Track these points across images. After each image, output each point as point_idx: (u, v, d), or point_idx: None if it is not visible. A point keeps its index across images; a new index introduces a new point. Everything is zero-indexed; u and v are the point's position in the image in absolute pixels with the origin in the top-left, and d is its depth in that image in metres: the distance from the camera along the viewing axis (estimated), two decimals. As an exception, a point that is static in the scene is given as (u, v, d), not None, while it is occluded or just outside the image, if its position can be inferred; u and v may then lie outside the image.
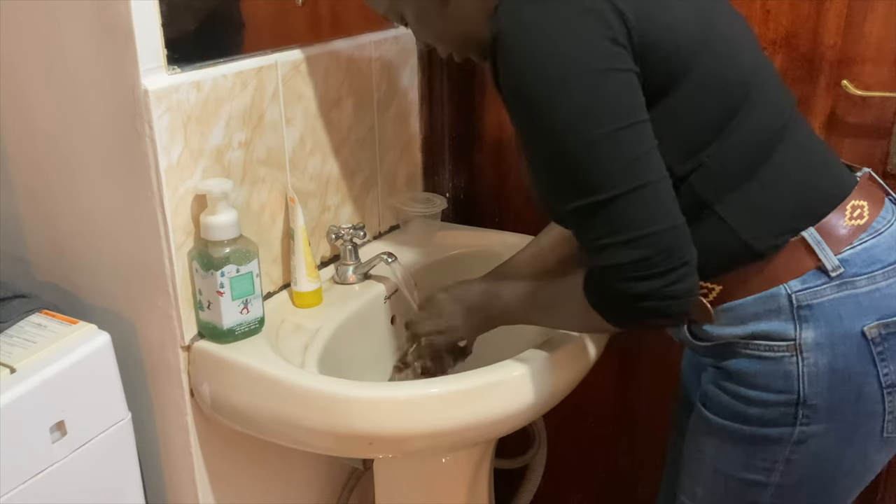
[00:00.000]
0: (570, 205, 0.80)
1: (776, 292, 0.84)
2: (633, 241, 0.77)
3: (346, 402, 0.93)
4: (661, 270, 0.77)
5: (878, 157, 1.20)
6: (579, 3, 0.77)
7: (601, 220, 0.78)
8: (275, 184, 1.11)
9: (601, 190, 0.77)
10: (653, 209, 0.78)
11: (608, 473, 1.64)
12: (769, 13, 1.21)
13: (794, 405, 0.85)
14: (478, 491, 1.22)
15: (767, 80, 0.89)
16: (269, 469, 1.23)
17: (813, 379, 0.84)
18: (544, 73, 0.77)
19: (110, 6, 0.88)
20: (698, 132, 0.83)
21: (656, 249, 0.77)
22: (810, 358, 0.84)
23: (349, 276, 1.20)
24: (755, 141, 0.85)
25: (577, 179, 0.79)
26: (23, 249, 1.12)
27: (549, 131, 0.79)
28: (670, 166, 0.80)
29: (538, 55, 0.78)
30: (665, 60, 0.80)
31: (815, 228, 0.84)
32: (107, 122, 0.95)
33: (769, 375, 0.85)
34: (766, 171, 0.85)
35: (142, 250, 0.99)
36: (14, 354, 0.91)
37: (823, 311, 0.84)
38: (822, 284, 0.84)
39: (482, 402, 0.94)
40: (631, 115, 0.78)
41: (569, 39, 0.77)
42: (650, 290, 0.78)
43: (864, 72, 1.17)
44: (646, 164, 0.78)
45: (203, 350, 1.02)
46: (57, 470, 0.91)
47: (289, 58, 1.09)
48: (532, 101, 0.79)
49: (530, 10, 0.79)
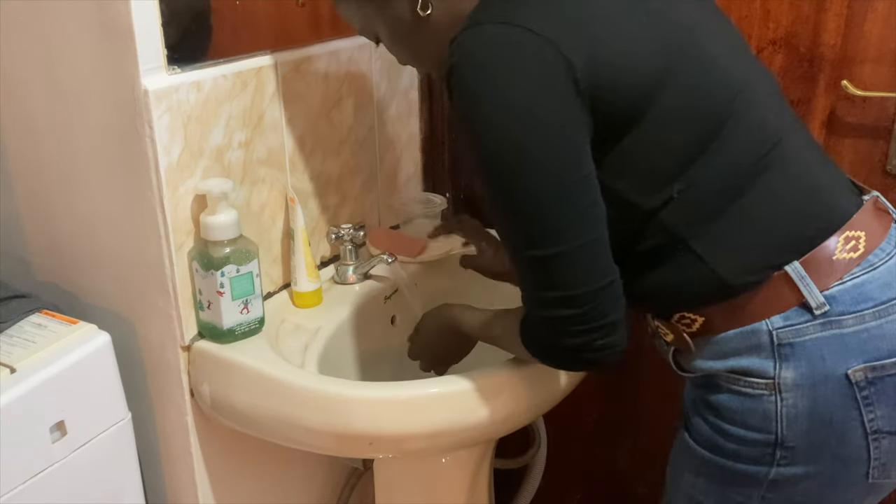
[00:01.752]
0: (510, 251, 0.82)
1: (757, 328, 0.81)
2: (566, 298, 0.79)
3: (346, 402, 0.93)
4: (591, 327, 0.79)
5: (878, 157, 1.20)
6: (529, 49, 0.75)
7: (538, 273, 0.80)
8: (275, 184, 1.11)
9: (539, 245, 0.78)
10: (587, 268, 0.79)
11: (608, 473, 1.64)
12: (769, 13, 1.21)
13: (771, 445, 0.81)
14: (478, 491, 1.22)
15: (752, 102, 0.83)
16: (270, 469, 1.24)
17: (791, 421, 0.80)
18: (490, 119, 0.77)
19: (110, 6, 0.88)
20: (666, 167, 0.80)
21: (587, 307, 0.79)
22: (789, 399, 0.80)
23: (349, 276, 1.20)
24: (732, 173, 0.81)
25: (517, 230, 0.80)
26: (23, 249, 1.12)
27: (494, 175, 0.79)
28: (638, 202, 0.81)
29: (486, 99, 0.77)
30: (620, 100, 0.77)
31: (799, 262, 0.80)
32: (107, 122, 0.95)
33: (747, 412, 0.82)
34: (745, 205, 0.81)
35: (142, 250, 0.99)
36: (14, 354, 0.91)
37: (805, 351, 0.80)
38: (805, 322, 0.79)
39: (482, 403, 0.94)
40: (573, 169, 0.77)
41: (517, 86, 0.76)
42: (579, 344, 0.80)
43: (864, 72, 1.17)
44: (585, 221, 0.78)
45: (203, 350, 1.02)
46: (57, 470, 0.91)
47: (289, 58, 1.09)
48: (479, 142, 0.78)
49: (483, 48, 0.77)
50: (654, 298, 0.88)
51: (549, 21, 0.76)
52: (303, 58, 1.11)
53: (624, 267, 0.82)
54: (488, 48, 0.77)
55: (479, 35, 0.77)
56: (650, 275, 0.85)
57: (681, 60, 0.80)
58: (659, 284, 0.85)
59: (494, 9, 0.79)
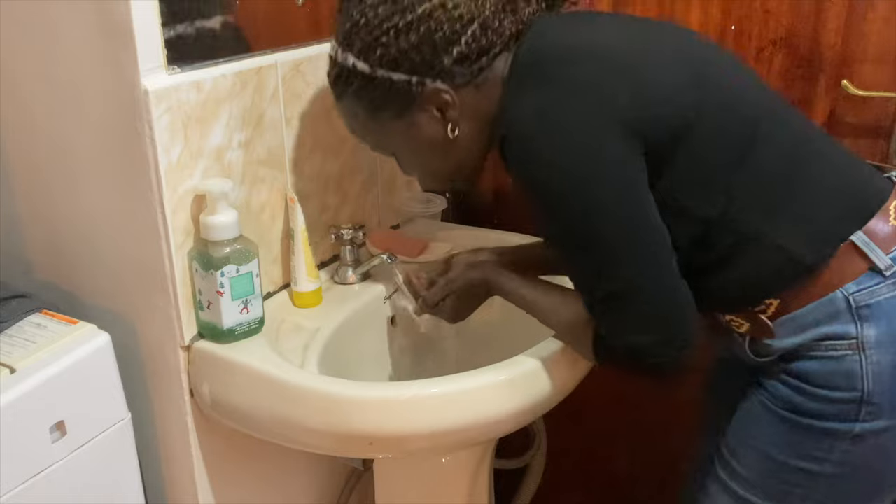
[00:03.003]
0: (587, 292, 0.88)
1: (833, 297, 0.86)
2: (644, 328, 0.85)
3: (346, 402, 0.93)
4: (670, 349, 0.85)
5: (878, 158, 1.20)
6: (580, 106, 0.82)
7: (616, 309, 0.86)
8: (275, 184, 1.10)
9: (616, 284, 0.84)
10: (662, 299, 0.85)
11: (608, 473, 1.64)
12: (769, 13, 1.21)
13: (857, 402, 0.85)
14: (478, 491, 1.22)
15: (775, 108, 0.91)
16: (269, 469, 1.24)
17: (877, 377, 0.85)
18: (562, 178, 0.82)
19: (110, 6, 0.88)
20: (718, 175, 0.86)
21: (666, 334, 0.85)
22: (873, 356, 0.85)
23: (349, 276, 1.20)
24: (780, 166, 0.87)
25: (593, 273, 0.86)
26: (23, 249, 1.12)
27: (570, 225, 0.85)
28: (703, 212, 0.86)
29: (550, 147, 0.82)
30: (667, 131, 0.84)
31: (861, 231, 0.86)
32: (107, 122, 0.95)
33: (831, 374, 0.86)
34: (802, 187, 0.87)
35: (142, 250, 0.99)
36: (14, 354, 0.91)
37: (883, 310, 0.85)
38: (878, 284, 0.85)
39: (482, 402, 0.94)
40: (639, 206, 0.83)
41: (578, 132, 0.81)
42: (657, 363, 0.86)
43: (864, 72, 1.17)
44: (655, 251, 0.84)
45: (203, 350, 1.02)
46: (57, 470, 0.91)
47: (289, 58, 1.09)
48: (555, 203, 0.84)
49: (538, 116, 0.82)
50: (733, 296, 0.92)
51: (590, 77, 0.83)
52: (303, 58, 1.10)
53: (700, 274, 0.89)
54: (541, 114, 0.82)
55: (529, 104, 0.84)
56: (727, 275, 0.90)
57: (708, 85, 0.87)
58: (738, 282, 0.90)
59: (536, 74, 0.86)
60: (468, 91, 0.90)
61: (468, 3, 0.87)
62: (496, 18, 0.88)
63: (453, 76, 0.89)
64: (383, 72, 0.88)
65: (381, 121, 0.93)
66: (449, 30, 0.86)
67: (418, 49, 0.87)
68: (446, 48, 0.87)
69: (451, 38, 0.87)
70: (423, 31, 0.86)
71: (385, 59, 0.88)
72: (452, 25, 0.86)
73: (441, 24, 0.86)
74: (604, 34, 0.90)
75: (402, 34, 0.86)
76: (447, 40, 0.87)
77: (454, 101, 0.90)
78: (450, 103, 0.90)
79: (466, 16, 0.87)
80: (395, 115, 0.91)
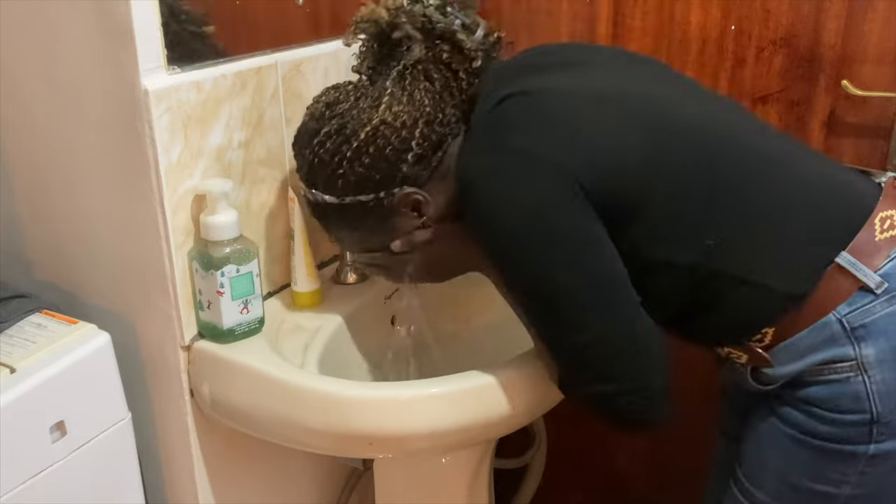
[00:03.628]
0: (548, 344, 0.88)
1: (827, 321, 0.84)
2: (608, 378, 0.85)
3: (346, 402, 0.93)
4: (635, 399, 0.85)
5: (878, 157, 1.20)
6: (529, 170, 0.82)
7: (579, 362, 0.86)
8: (275, 184, 1.10)
9: (574, 335, 0.84)
10: (624, 347, 0.84)
11: (608, 473, 1.64)
12: (769, 13, 1.21)
13: (868, 424, 0.84)
14: (478, 491, 1.22)
15: (736, 138, 0.89)
16: (269, 469, 1.23)
17: (883, 396, 0.83)
18: (510, 238, 0.83)
19: (110, 6, 0.88)
20: (689, 222, 0.85)
21: (630, 384, 0.85)
22: (876, 375, 0.83)
23: (349, 276, 1.20)
24: (752, 201, 0.86)
25: (553, 330, 0.86)
26: (22, 249, 1.12)
27: (520, 282, 0.86)
28: (681, 261, 0.85)
29: (502, 220, 0.83)
30: (625, 188, 0.83)
31: (846, 252, 0.84)
32: (107, 123, 0.95)
33: (838, 397, 0.85)
34: (777, 221, 0.86)
35: (142, 250, 0.99)
36: (14, 354, 0.91)
37: (879, 328, 0.83)
38: (871, 302, 0.83)
39: (482, 402, 0.94)
40: (594, 264, 0.83)
41: (527, 204, 0.82)
42: (624, 413, 0.87)
43: (864, 72, 1.17)
44: (616, 306, 0.84)
45: (203, 350, 1.02)
46: (57, 470, 0.91)
47: (289, 58, 1.09)
48: (503, 259, 0.85)
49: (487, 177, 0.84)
50: (725, 334, 0.92)
51: (541, 140, 0.83)
52: (303, 58, 1.10)
53: (689, 316, 0.89)
54: (493, 178, 0.83)
55: (482, 165, 0.85)
56: (717, 316, 0.89)
57: (658, 127, 0.86)
58: (728, 320, 0.89)
59: (487, 138, 0.87)
60: (435, 183, 0.92)
61: (407, 108, 0.89)
62: (438, 111, 0.90)
63: (417, 178, 0.91)
64: (351, 198, 0.91)
65: (367, 237, 0.96)
66: (397, 140, 0.88)
67: (375, 168, 0.89)
68: (401, 157, 0.89)
69: (401, 147, 0.89)
70: (373, 151, 0.89)
71: (348, 186, 0.91)
72: (399, 135, 0.88)
73: (388, 139, 0.88)
74: (560, 91, 0.88)
75: (354, 161, 0.89)
76: (398, 150, 0.89)
77: (425, 198, 0.92)
78: (422, 202, 0.92)
79: (409, 121, 0.89)
80: (378, 228, 0.94)
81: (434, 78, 0.91)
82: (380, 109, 0.89)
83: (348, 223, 0.96)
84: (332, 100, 0.94)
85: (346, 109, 0.91)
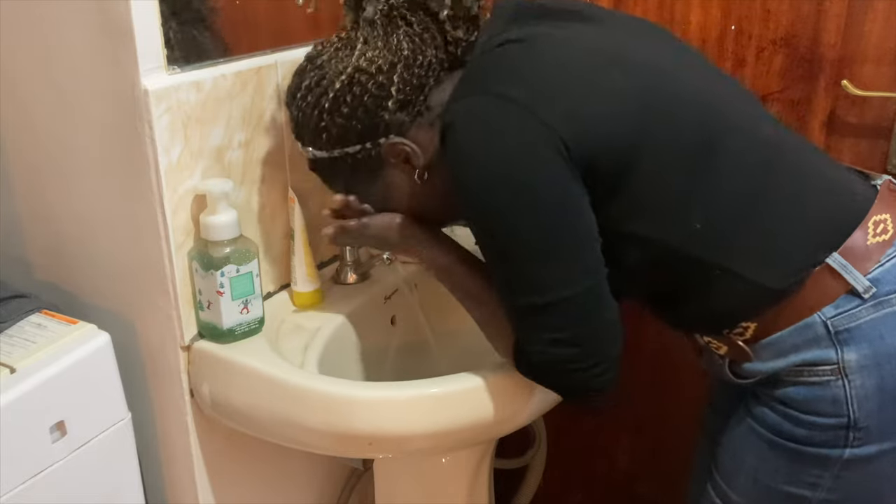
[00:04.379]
0: (504, 296, 0.86)
1: (811, 321, 0.83)
2: (563, 340, 0.83)
3: (346, 402, 0.93)
4: (588, 364, 0.84)
5: (878, 157, 1.20)
6: (512, 118, 0.80)
7: (534, 319, 0.84)
8: (275, 184, 1.10)
9: (535, 294, 0.82)
10: (584, 312, 0.83)
11: (608, 473, 1.64)
12: (769, 13, 1.21)
13: (844, 428, 0.84)
14: (478, 491, 1.22)
15: (736, 117, 0.87)
16: (269, 469, 1.24)
17: (862, 401, 0.83)
18: (482, 182, 0.81)
19: (110, 6, 0.88)
20: (675, 202, 0.83)
21: (585, 348, 0.83)
22: (856, 380, 0.83)
23: (349, 276, 1.20)
24: (743, 188, 0.84)
25: (511, 280, 0.84)
26: (22, 249, 1.12)
27: (486, 232, 0.84)
28: (663, 240, 0.84)
29: (479, 164, 0.81)
30: (611, 153, 0.81)
31: (837, 253, 0.83)
32: (107, 122, 0.95)
33: (817, 400, 0.84)
34: (767, 214, 0.84)
35: (142, 250, 0.99)
36: (14, 354, 0.91)
37: (863, 333, 0.82)
38: (857, 307, 0.82)
39: (482, 403, 0.94)
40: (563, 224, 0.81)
41: (505, 151, 0.80)
42: (576, 381, 0.85)
43: (864, 72, 1.17)
44: (581, 270, 0.82)
45: (203, 350, 1.02)
46: (57, 470, 0.91)
47: (289, 58, 1.08)
48: (472, 202, 0.83)
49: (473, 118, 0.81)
50: (705, 322, 0.91)
51: (530, 94, 0.80)
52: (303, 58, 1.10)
53: (669, 301, 0.88)
54: (477, 117, 0.81)
55: (468, 105, 0.82)
56: (697, 303, 0.88)
57: (656, 99, 0.83)
58: (708, 309, 0.88)
59: (478, 82, 0.84)
60: (422, 130, 0.90)
61: (383, 53, 0.88)
62: (418, 54, 0.88)
63: (401, 125, 0.89)
64: (339, 150, 0.91)
65: (364, 189, 0.95)
66: (374, 86, 0.87)
67: (355, 118, 0.88)
68: (381, 104, 0.88)
69: (380, 94, 0.87)
70: (351, 100, 0.88)
71: (332, 139, 0.90)
72: (376, 81, 0.87)
73: (365, 86, 0.87)
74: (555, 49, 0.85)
75: (333, 112, 0.89)
76: (377, 97, 0.87)
77: (412, 148, 0.90)
78: (409, 152, 0.90)
79: (385, 65, 0.87)
80: (371, 180, 0.93)
81: (412, 21, 0.89)
82: (353, 57, 0.88)
83: (341, 178, 0.95)
84: (315, 53, 0.93)
85: (325, 61, 0.90)
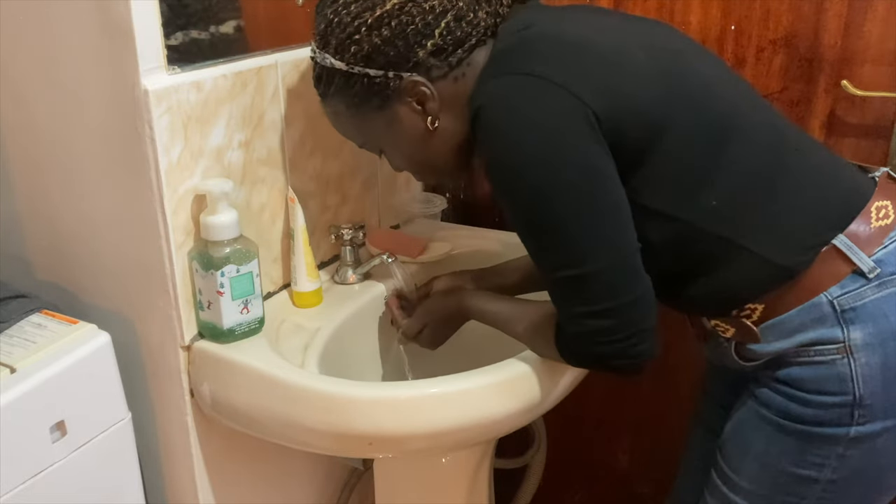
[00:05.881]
0: (542, 270, 0.88)
1: (818, 301, 0.86)
2: (598, 312, 0.85)
3: (346, 402, 0.93)
4: (623, 336, 0.85)
5: (878, 157, 1.20)
6: (548, 96, 0.81)
7: (569, 291, 0.86)
8: (275, 184, 1.11)
9: (570, 266, 0.84)
10: (618, 283, 0.84)
11: (608, 473, 1.64)
12: (769, 13, 1.21)
13: (850, 406, 0.86)
14: (478, 491, 1.22)
15: (751, 108, 0.91)
16: (269, 469, 1.24)
17: (867, 379, 0.85)
18: (520, 157, 0.83)
19: (110, 6, 0.88)
20: (695, 178, 0.86)
21: (620, 320, 0.85)
22: (862, 358, 0.85)
23: (349, 276, 1.20)
24: (757, 167, 0.87)
25: (547, 253, 0.86)
26: (23, 249, 1.12)
27: (524, 207, 0.85)
28: (680, 215, 0.86)
29: (515, 140, 0.82)
30: (637, 130, 0.84)
31: (843, 235, 0.86)
32: (107, 122, 0.95)
33: (823, 379, 0.86)
34: (779, 193, 0.87)
35: (142, 250, 0.99)
36: (14, 354, 0.91)
37: (868, 312, 0.85)
38: (862, 286, 0.85)
39: (482, 402, 0.94)
40: (598, 196, 0.83)
41: (541, 127, 0.82)
42: (612, 352, 0.86)
43: (864, 72, 1.17)
44: (613, 241, 0.84)
45: (203, 350, 1.02)
46: (57, 470, 0.91)
47: (289, 58, 1.09)
48: (509, 177, 0.84)
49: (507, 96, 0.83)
50: (714, 300, 0.92)
51: (562, 71, 0.82)
52: (303, 58, 1.10)
53: (679, 279, 0.90)
54: (511, 95, 0.83)
55: (501, 84, 0.84)
56: (708, 280, 0.90)
57: (679, 82, 0.87)
58: (718, 286, 0.90)
59: (510, 62, 0.86)
60: (446, 83, 0.90)
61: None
62: (470, 10, 0.88)
63: (429, 69, 0.89)
64: (359, 68, 0.89)
65: (363, 117, 0.94)
66: (421, 23, 0.87)
67: (391, 43, 0.87)
68: (420, 41, 0.87)
69: (424, 32, 0.87)
70: (395, 25, 0.87)
71: (359, 55, 0.88)
72: (425, 18, 0.87)
73: (413, 18, 0.86)
74: (582, 31, 0.89)
75: (373, 30, 0.87)
76: (420, 33, 0.87)
77: (432, 93, 0.90)
78: (428, 95, 0.90)
79: (439, 8, 0.87)
80: (376, 110, 0.92)
81: None
82: None
83: (347, 98, 0.93)
84: None
85: None
